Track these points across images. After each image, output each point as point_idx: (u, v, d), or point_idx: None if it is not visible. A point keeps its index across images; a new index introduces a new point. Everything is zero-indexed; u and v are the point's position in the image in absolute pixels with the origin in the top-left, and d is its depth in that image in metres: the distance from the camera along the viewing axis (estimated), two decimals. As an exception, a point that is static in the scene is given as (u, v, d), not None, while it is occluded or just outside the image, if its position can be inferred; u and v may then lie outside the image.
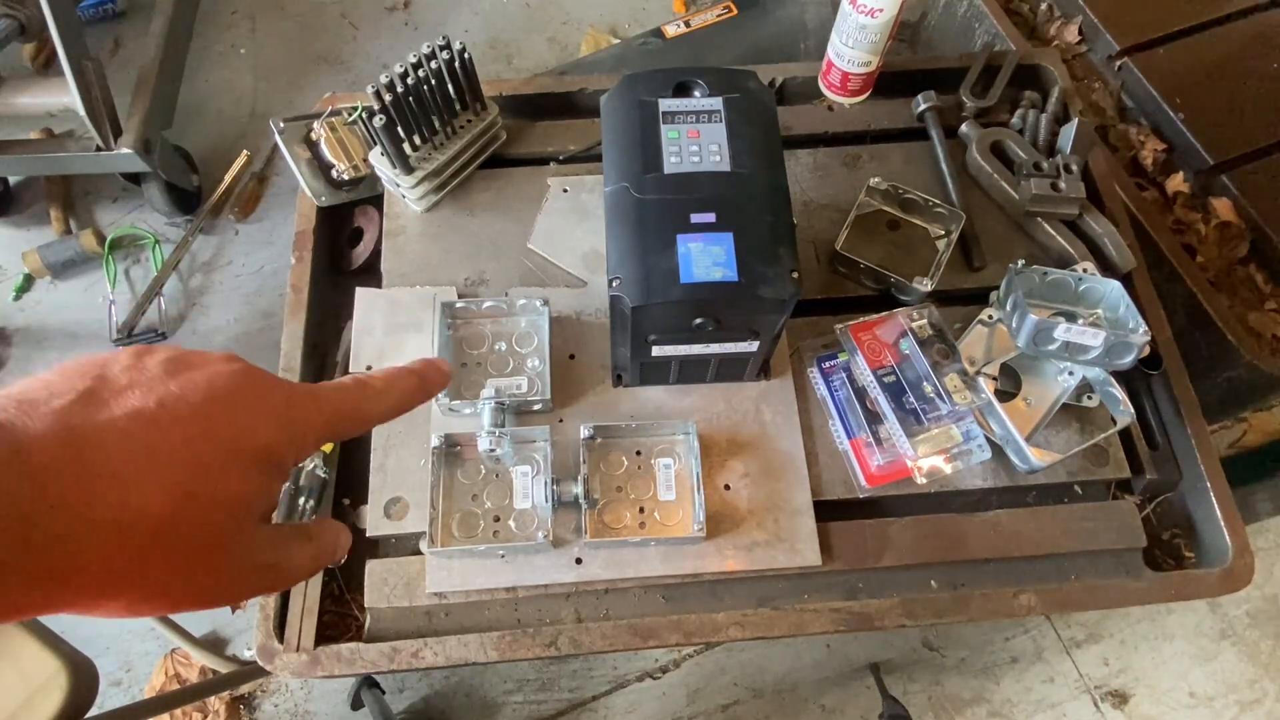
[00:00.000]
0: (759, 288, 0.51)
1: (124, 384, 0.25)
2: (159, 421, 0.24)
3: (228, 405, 0.26)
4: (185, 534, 0.24)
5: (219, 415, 0.26)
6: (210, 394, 0.26)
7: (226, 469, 0.25)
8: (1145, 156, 0.92)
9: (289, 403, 0.28)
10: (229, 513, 0.25)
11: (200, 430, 0.25)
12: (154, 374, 0.26)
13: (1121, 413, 0.64)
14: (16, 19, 1.41)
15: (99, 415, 0.24)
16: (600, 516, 0.62)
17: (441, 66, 0.67)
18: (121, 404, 0.24)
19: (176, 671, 1.26)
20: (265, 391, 0.28)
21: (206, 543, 0.25)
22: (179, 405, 0.25)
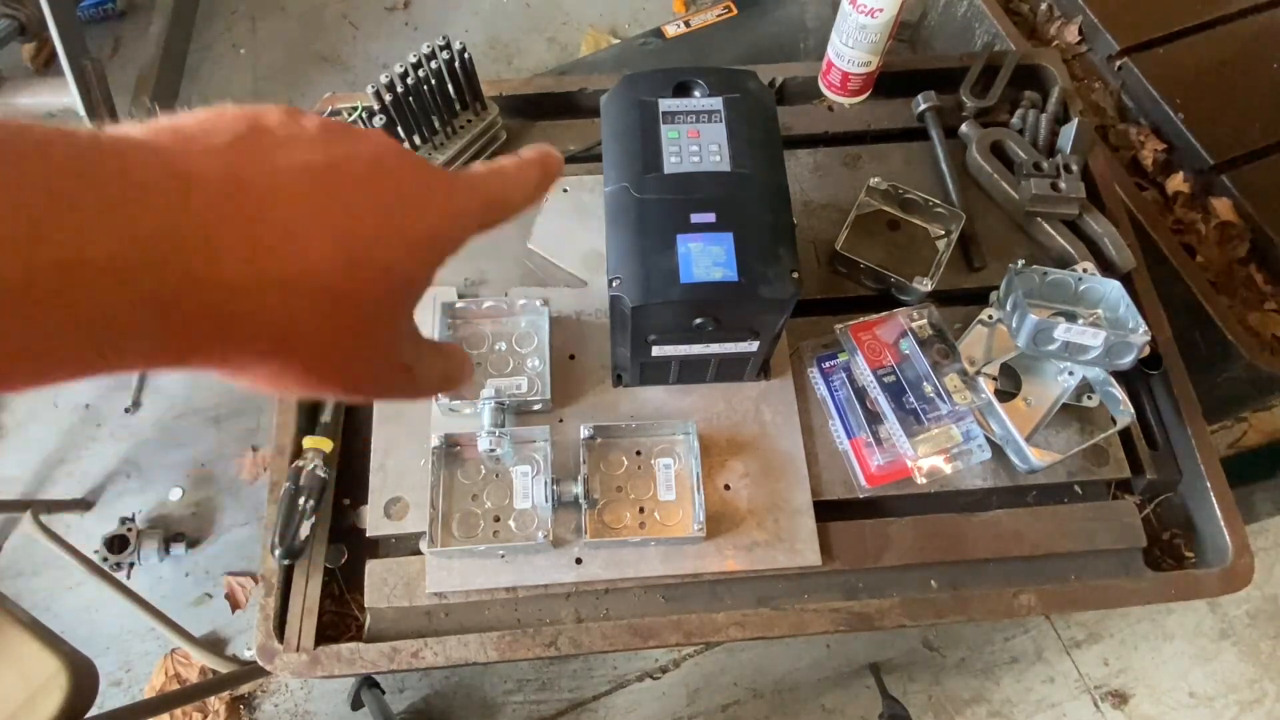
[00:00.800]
0: (759, 288, 0.51)
1: (284, 136, 0.23)
2: (326, 181, 0.23)
3: (395, 178, 0.25)
4: (349, 301, 0.23)
5: (387, 187, 0.24)
6: (377, 164, 0.24)
7: (393, 243, 0.24)
8: (1145, 156, 0.92)
9: (452, 187, 0.27)
10: (390, 290, 0.24)
11: (369, 198, 0.24)
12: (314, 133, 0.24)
13: (1121, 413, 0.64)
14: (16, 19, 1.41)
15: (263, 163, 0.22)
16: (600, 516, 0.62)
17: (441, 66, 0.67)
18: (286, 156, 0.22)
19: (176, 671, 1.26)
20: (429, 173, 0.26)
21: (367, 316, 0.24)
22: (346, 168, 0.23)
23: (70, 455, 1.41)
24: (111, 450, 1.41)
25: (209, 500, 1.38)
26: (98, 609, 1.30)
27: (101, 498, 1.38)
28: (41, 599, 1.31)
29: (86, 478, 1.39)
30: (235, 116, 0.23)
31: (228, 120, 0.22)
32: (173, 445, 1.42)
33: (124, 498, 1.38)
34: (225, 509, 1.37)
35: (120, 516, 1.33)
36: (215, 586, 1.32)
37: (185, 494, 1.38)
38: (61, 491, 1.38)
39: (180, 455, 1.41)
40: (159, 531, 1.33)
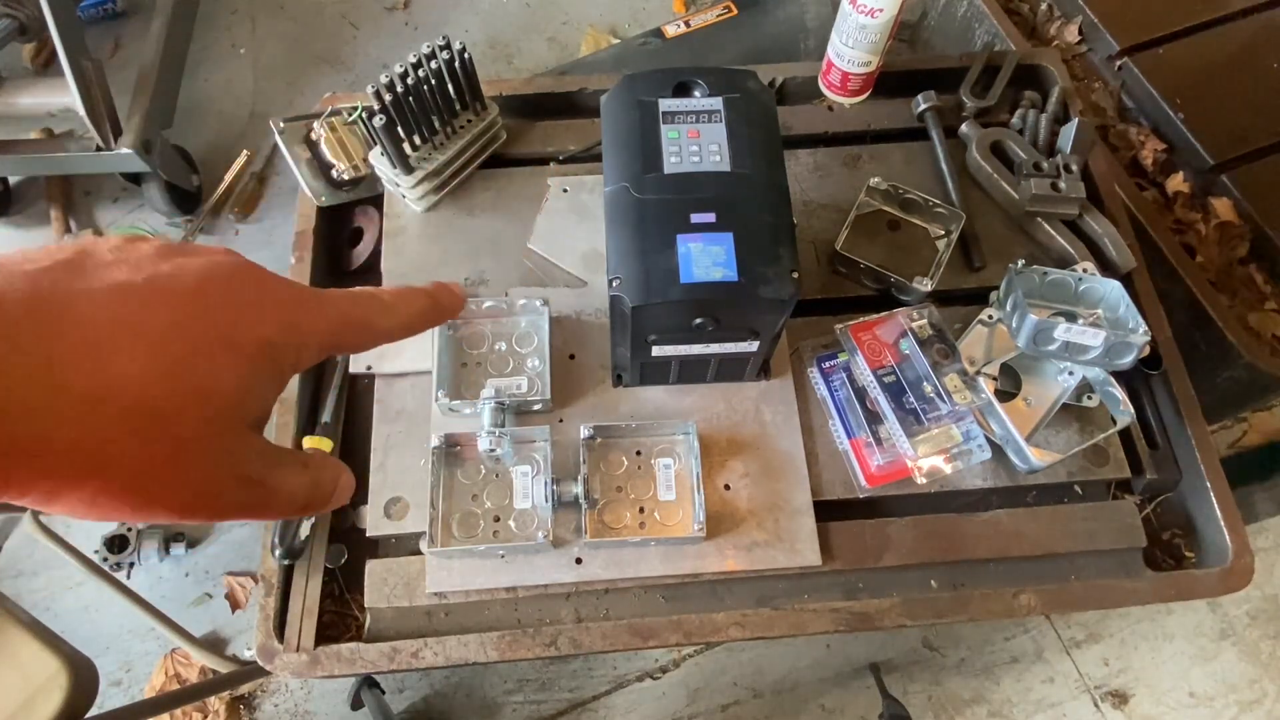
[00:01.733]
0: (759, 288, 0.51)
1: (108, 260, 0.22)
2: (145, 299, 0.22)
3: (225, 292, 0.24)
4: (164, 420, 0.21)
5: (214, 301, 0.23)
6: (206, 278, 0.23)
7: (217, 358, 0.23)
8: (1145, 156, 0.92)
9: (293, 300, 0.26)
10: (216, 407, 0.23)
11: (191, 313, 0.22)
12: (143, 254, 0.23)
13: (1121, 413, 0.64)
14: (16, 19, 1.41)
15: (74, 284, 0.21)
16: (600, 516, 0.62)
17: (441, 66, 0.67)
18: (104, 277, 0.22)
19: (176, 671, 1.26)
20: (267, 285, 0.25)
21: (187, 436, 0.22)
22: (170, 285, 0.22)
23: (70, 455, 1.41)
24: (111, 450, 1.41)
25: (209, 500, 1.38)
26: (98, 609, 1.30)
27: (101, 498, 1.38)
28: (41, 599, 1.31)
29: (86, 478, 1.39)
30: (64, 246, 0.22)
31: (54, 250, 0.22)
32: (173, 445, 1.41)
33: (124, 498, 1.38)
34: (225, 509, 1.37)
35: (120, 516, 1.33)
36: (215, 586, 1.32)
37: (185, 494, 1.38)
38: (61, 491, 1.38)
39: (180, 455, 1.41)
40: (159, 531, 1.32)
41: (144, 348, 0.21)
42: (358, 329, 0.28)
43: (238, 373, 0.23)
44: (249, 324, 0.24)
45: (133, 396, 0.21)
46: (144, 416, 0.21)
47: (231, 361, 0.23)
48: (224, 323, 0.23)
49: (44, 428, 0.19)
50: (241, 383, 0.23)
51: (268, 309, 0.25)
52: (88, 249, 0.22)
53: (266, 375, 0.24)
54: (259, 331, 0.24)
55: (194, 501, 0.23)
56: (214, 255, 0.25)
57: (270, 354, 0.24)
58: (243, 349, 0.23)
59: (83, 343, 0.20)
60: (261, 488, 0.25)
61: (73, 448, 0.20)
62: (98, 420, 0.20)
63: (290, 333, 0.25)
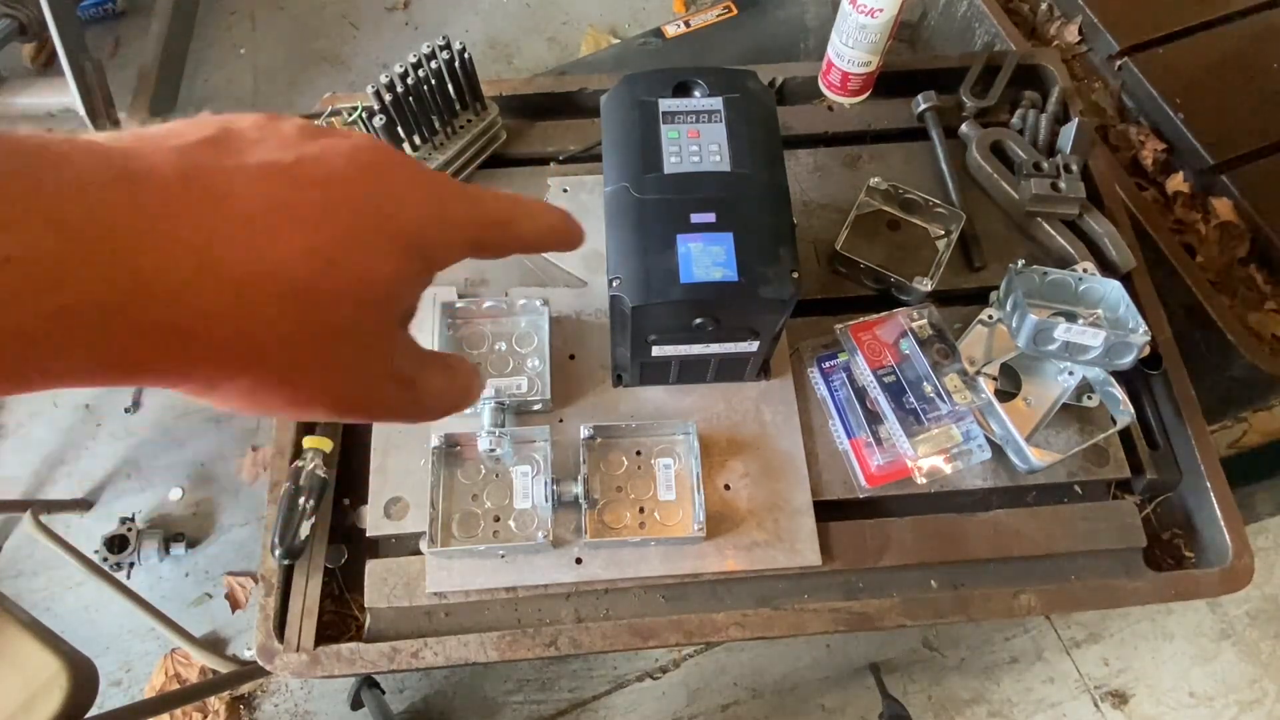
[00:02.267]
0: (759, 288, 0.51)
1: (255, 137, 0.21)
2: (296, 178, 0.21)
3: (376, 176, 0.22)
4: (322, 307, 0.20)
5: (366, 184, 0.22)
6: (355, 161, 0.22)
7: (372, 244, 0.21)
8: (1145, 156, 0.92)
9: (442, 191, 0.24)
10: (371, 296, 0.22)
11: (344, 197, 0.21)
12: (289, 134, 0.22)
13: (1121, 413, 0.64)
14: (16, 19, 1.41)
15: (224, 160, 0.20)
16: (600, 516, 0.62)
17: (441, 66, 0.67)
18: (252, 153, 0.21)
19: (176, 671, 1.26)
20: (416, 172, 0.24)
21: (343, 325, 0.21)
22: (319, 166, 0.21)
23: (70, 455, 1.41)
24: (111, 450, 1.41)
25: (209, 500, 1.38)
26: (98, 609, 1.30)
27: (101, 498, 1.38)
28: (41, 599, 1.31)
29: (86, 478, 1.39)
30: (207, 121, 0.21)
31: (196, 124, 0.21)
32: (173, 445, 1.42)
33: (124, 498, 1.38)
34: (225, 509, 1.37)
35: (120, 516, 1.33)
36: (215, 586, 1.32)
37: (185, 494, 1.38)
38: (61, 491, 1.38)
39: (180, 455, 1.41)
40: (159, 531, 1.33)
41: (299, 230, 0.20)
42: (501, 228, 0.27)
43: (391, 262, 0.22)
44: (400, 212, 0.23)
45: (288, 280, 0.20)
46: (300, 302, 0.20)
47: (385, 249, 0.22)
48: (376, 209, 0.22)
49: (203, 306, 0.18)
50: (394, 273, 0.22)
51: (418, 198, 0.23)
52: (230, 126, 0.21)
53: (417, 267, 0.23)
54: (410, 221, 0.23)
55: (350, 396, 0.23)
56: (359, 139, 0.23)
57: (420, 245, 0.23)
58: (395, 238, 0.22)
59: (237, 222, 0.19)
60: (412, 388, 0.25)
61: (230, 331, 0.19)
62: (255, 303, 0.19)
63: (439, 225, 0.24)
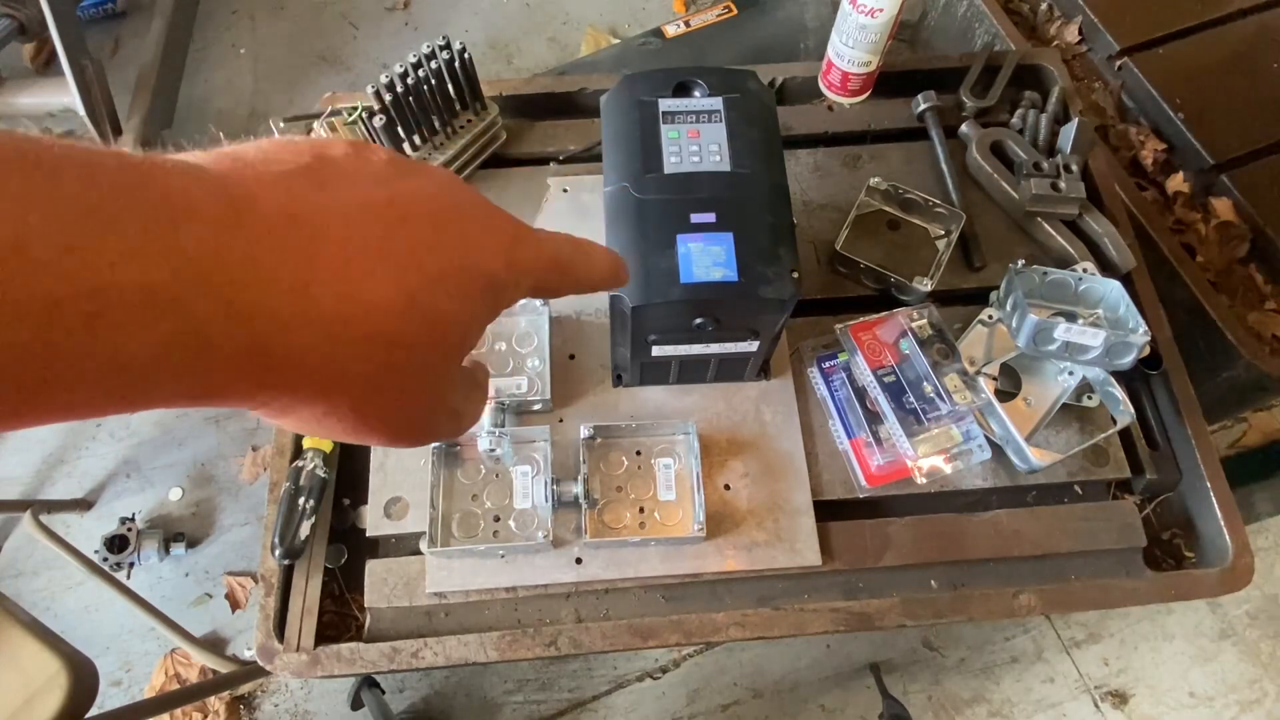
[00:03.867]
0: (759, 288, 0.51)
1: (349, 170, 0.22)
2: (388, 219, 0.22)
3: (460, 220, 0.24)
4: (402, 347, 0.21)
5: (451, 228, 0.23)
6: (442, 203, 0.23)
7: (452, 289, 0.22)
8: (1145, 156, 0.92)
9: (515, 234, 0.26)
10: (446, 336, 0.23)
11: (431, 238, 0.22)
12: (379, 169, 0.23)
13: (1121, 413, 0.64)
14: (16, 19, 1.41)
15: (324, 196, 0.21)
16: (600, 516, 0.62)
17: (441, 66, 0.67)
18: (350, 191, 0.21)
19: (176, 671, 1.26)
20: (492, 215, 0.25)
21: (417, 365, 0.22)
22: (409, 207, 0.22)
23: (70, 455, 1.41)
24: (111, 450, 1.41)
25: (209, 500, 1.38)
26: (98, 609, 1.30)
27: (101, 498, 1.38)
28: (41, 599, 1.31)
29: (86, 478, 1.39)
30: (300, 147, 0.22)
31: (292, 150, 0.22)
32: (173, 445, 1.42)
33: (124, 498, 1.38)
34: (225, 509, 1.37)
35: (120, 516, 1.33)
36: (215, 586, 1.32)
37: (185, 494, 1.38)
38: (61, 491, 1.38)
39: (180, 455, 1.41)
40: (159, 531, 1.32)
41: (389, 273, 0.21)
42: (565, 273, 0.28)
43: (467, 305, 0.23)
44: (479, 256, 0.24)
45: (375, 322, 0.21)
46: (383, 342, 0.21)
47: (463, 295, 0.23)
48: (458, 253, 0.23)
49: (297, 343, 0.19)
50: (468, 315, 0.23)
51: (494, 242, 0.24)
52: (325, 155, 0.22)
53: (488, 307, 0.24)
54: (486, 264, 0.24)
55: (409, 428, 0.24)
56: (443, 177, 0.24)
57: (493, 287, 0.24)
58: (473, 281, 0.23)
59: (335, 263, 0.20)
60: (459, 416, 0.26)
61: (317, 365, 0.20)
62: (342, 342, 0.20)
63: (510, 268, 0.25)
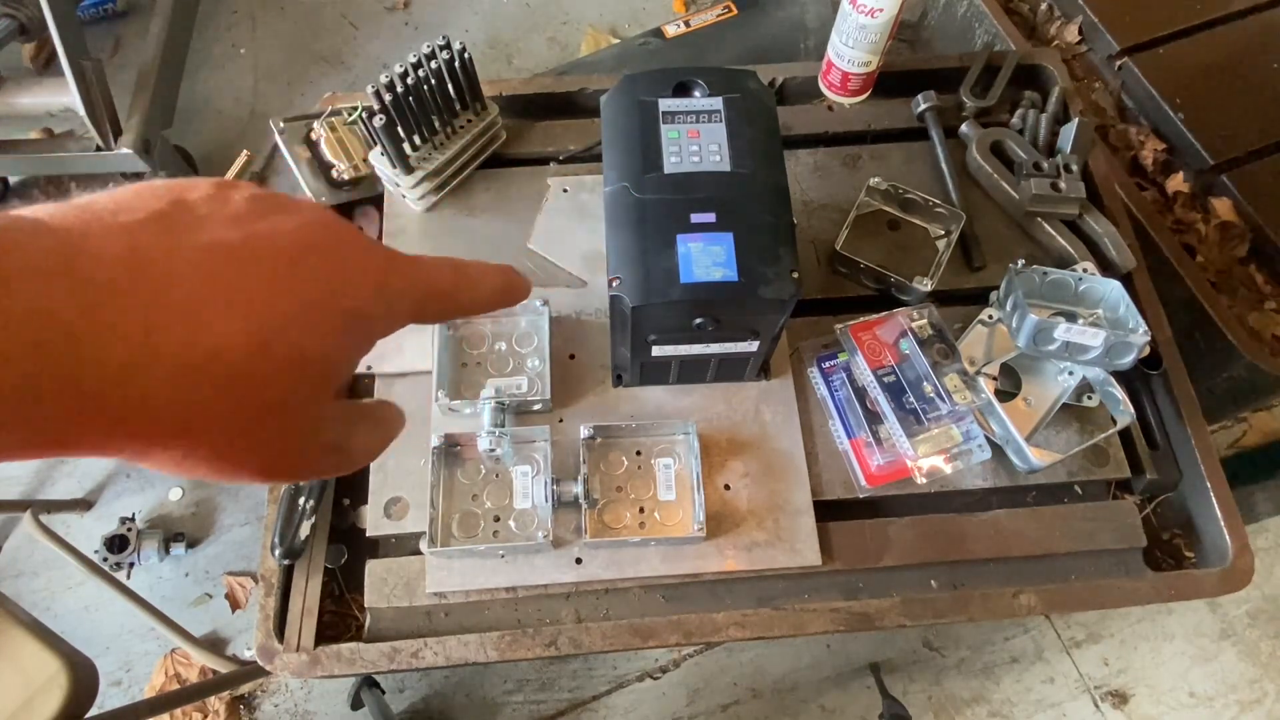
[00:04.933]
0: (759, 288, 0.51)
1: (203, 213, 0.22)
2: (241, 259, 0.21)
3: (321, 255, 0.23)
4: (257, 387, 0.21)
5: (309, 265, 0.23)
6: (300, 240, 0.23)
7: (311, 325, 0.22)
8: (1145, 156, 0.92)
9: (387, 265, 0.25)
10: (307, 374, 0.22)
11: (287, 278, 0.22)
12: (238, 208, 0.23)
13: (1121, 413, 0.64)
14: (16, 19, 1.41)
15: (172, 240, 0.20)
16: (600, 516, 0.62)
17: (441, 66, 0.67)
18: (199, 233, 0.21)
19: (176, 671, 1.26)
20: (361, 248, 0.25)
21: (278, 403, 0.22)
22: (265, 246, 0.22)
23: (70, 455, 1.41)
24: (111, 450, 1.41)
25: (209, 500, 1.38)
26: (98, 609, 1.30)
27: (101, 498, 1.38)
28: (41, 599, 1.31)
29: (86, 478, 1.39)
30: (156, 192, 0.22)
31: (146, 196, 0.21)
32: (173, 445, 1.41)
33: (124, 498, 1.38)
34: (225, 509, 1.37)
35: (120, 516, 1.33)
36: (215, 586, 1.32)
37: (185, 494, 1.38)
38: (61, 491, 1.38)
39: (180, 455, 1.41)
40: (159, 531, 1.32)
41: (239, 314, 0.21)
42: (441, 299, 0.28)
43: (329, 341, 0.23)
44: (343, 290, 0.23)
45: (226, 364, 0.20)
46: (235, 383, 0.21)
47: (324, 330, 0.23)
48: (319, 289, 0.23)
49: (139, 391, 0.19)
50: (332, 351, 0.23)
51: (362, 274, 0.24)
52: (182, 198, 0.22)
53: (355, 341, 0.24)
54: (352, 298, 0.24)
55: (278, 465, 0.23)
56: (307, 213, 0.24)
57: (361, 320, 0.24)
58: (336, 317, 0.23)
59: (180, 307, 0.20)
60: (340, 450, 0.26)
61: (165, 412, 0.20)
62: (190, 386, 0.20)
63: (381, 300, 0.25)
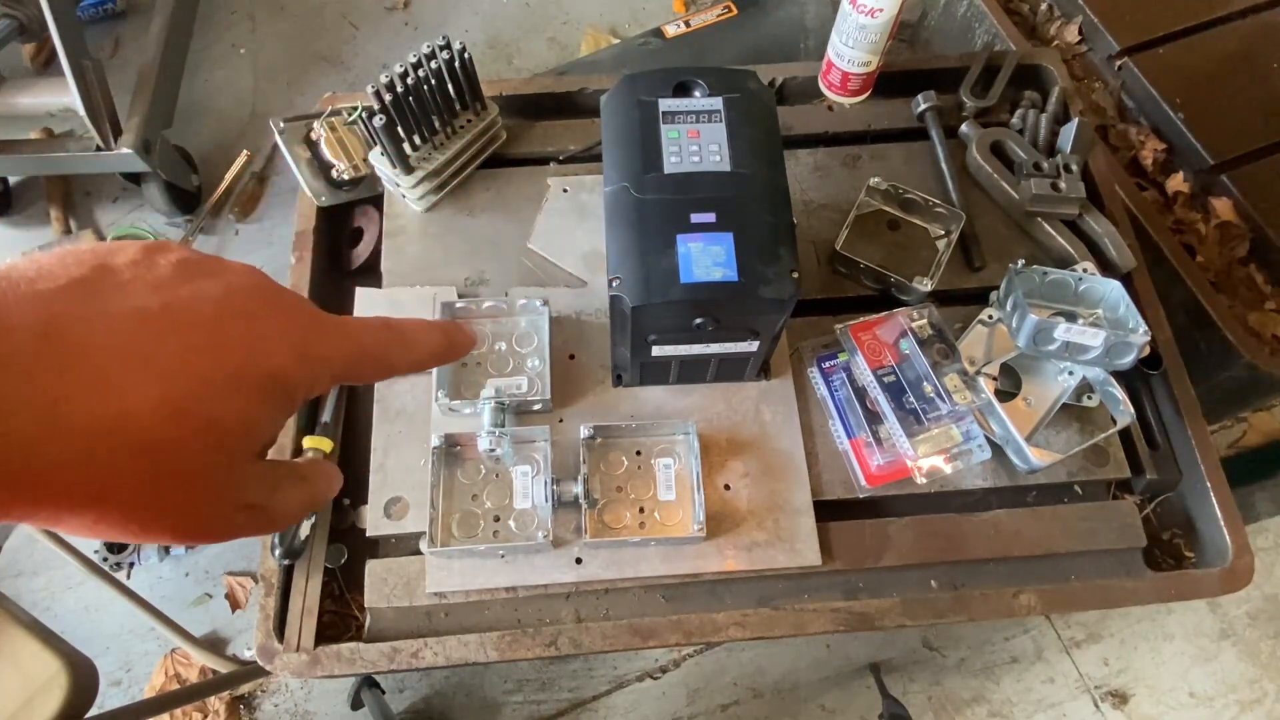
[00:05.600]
0: (759, 288, 0.51)
1: (126, 278, 0.22)
2: (159, 326, 0.21)
3: (242, 321, 0.23)
4: (170, 453, 0.21)
5: (230, 331, 0.23)
6: (224, 305, 0.23)
7: (228, 392, 0.22)
8: (1145, 156, 0.92)
9: (311, 329, 0.25)
10: (222, 440, 0.22)
11: (206, 344, 0.22)
12: (163, 273, 0.23)
13: (1121, 413, 0.64)
14: (16, 19, 1.41)
15: (89, 308, 0.21)
16: (600, 516, 0.62)
17: (441, 66, 0.67)
18: (119, 299, 0.21)
19: (176, 671, 1.26)
20: (286, 312, 0.25)
21: (192, 469, 0.22)
22: (185, 312, 0.22)
23: (70, 455, 1.41)
24: (111, 450, 1.41)
25: (209, 500, 1.38)
26: (98, 609, 1.30)
27: (101, 498, 1.38)
28: (41, 599, 1.31)
29: (86, 478, 1.39)
30: (81, 258, 0.22)
31: (69, 263, 0.21)
32: (173, 445, 1.41)
33: (124, 498, 1.38)
34: (225, 509, 1.37)
35: (120, 516, 1.33)
36: (215, 586, 1.32)
37: (185, 494, 1.38)
38: (61, 491, 1.38)
39: (180, 455, 1.41)
40: (159, 531, 1.32)
41: (153, 381, 0.21)
42: (372, 362, 0.28)
43: (247, 407, 0.23)
44: (264, 356, 0.23)
45: (137, 431, 0.20)
46: (148, 451, 0.21)
47: (242, 397, 0.23)
48: (238, 356, 0.23)
49: (45, 461, 0.19)
50: (250, 417, 0.23)
51: (285, 339, 0.24)
52: (106, 263, 0.22)
53: (276, 406, 0.24)
54: (274, 363, 0.24)
55: (194, 528, 0.23)
56: (234, 277, 0.24)
57: (283, 385, 0.24)
58: (255, 383, 0.23)
59: (91, 376, 0.20)
60: (262, 511, 0.25)
61: (72, 480, 0.20)
62: (100, 454, 0.20)
63: (305, 364, 0.25)
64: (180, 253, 0.24)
